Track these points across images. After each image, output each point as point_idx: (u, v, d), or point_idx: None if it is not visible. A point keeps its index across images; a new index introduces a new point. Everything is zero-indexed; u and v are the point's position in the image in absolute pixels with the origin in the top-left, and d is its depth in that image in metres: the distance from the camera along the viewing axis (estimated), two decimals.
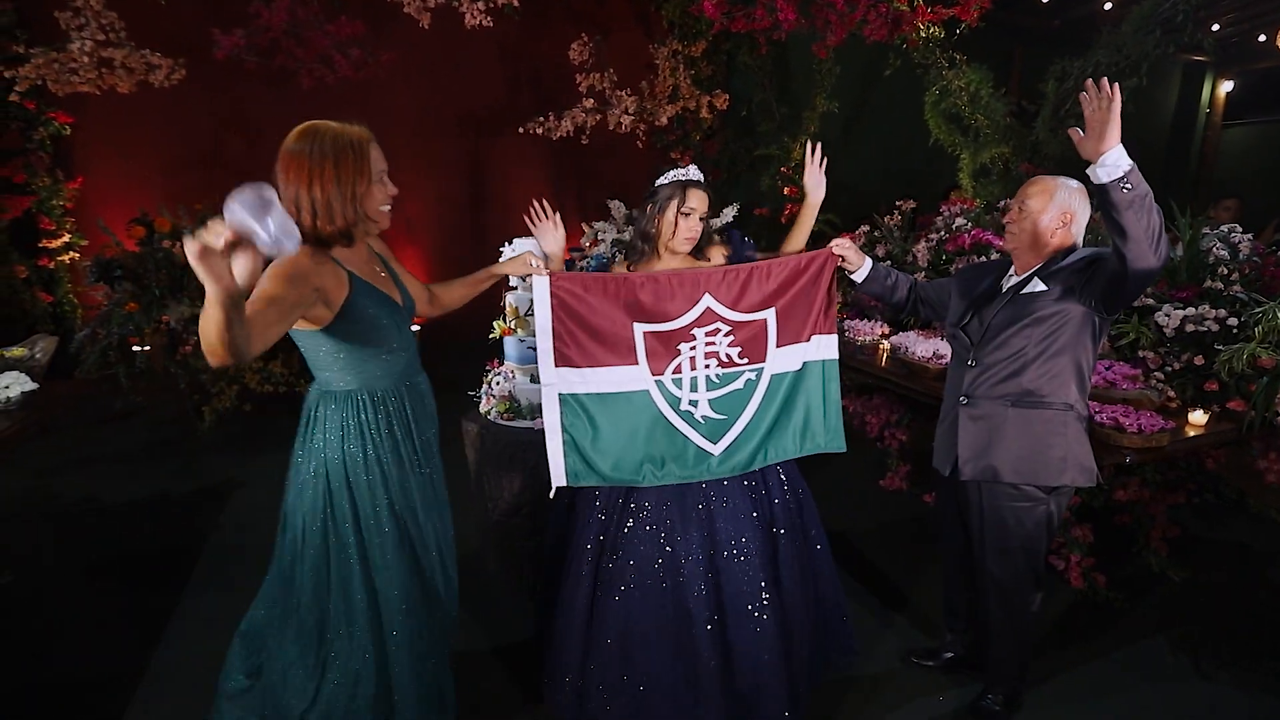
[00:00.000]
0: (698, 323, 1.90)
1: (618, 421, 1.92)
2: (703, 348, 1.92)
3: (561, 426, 1.92)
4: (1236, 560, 3.06)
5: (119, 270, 3.97)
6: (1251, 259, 2.69)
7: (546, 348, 1.88)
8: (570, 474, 1.92)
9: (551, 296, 1.86)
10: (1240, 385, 2.44)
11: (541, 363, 1.90)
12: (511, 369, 2.71)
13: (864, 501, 3.54)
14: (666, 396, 1.93)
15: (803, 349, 2.00)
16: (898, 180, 6.05)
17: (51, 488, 3.53)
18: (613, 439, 1.92)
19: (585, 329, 1.89)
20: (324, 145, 1.43)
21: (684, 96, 5.55)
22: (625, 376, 1.92)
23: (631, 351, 1.90)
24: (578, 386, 1.91)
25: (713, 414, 1.95)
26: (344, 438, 1.60)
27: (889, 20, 4.23)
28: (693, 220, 1.90)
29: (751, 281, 1.92)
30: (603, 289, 1.88)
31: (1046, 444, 1.87)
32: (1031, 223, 1.86)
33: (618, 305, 1.88)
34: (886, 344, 3.22)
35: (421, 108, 5.75)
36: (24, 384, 2.53)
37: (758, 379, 1.97)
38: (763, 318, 1.94)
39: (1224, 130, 8.64)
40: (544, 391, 1.90)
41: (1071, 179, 1.85)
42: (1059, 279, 1.82)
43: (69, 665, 2.30)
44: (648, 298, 1.88)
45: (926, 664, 2.35)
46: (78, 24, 3.84)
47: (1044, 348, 1.84)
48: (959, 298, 2.08)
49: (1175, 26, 4.13)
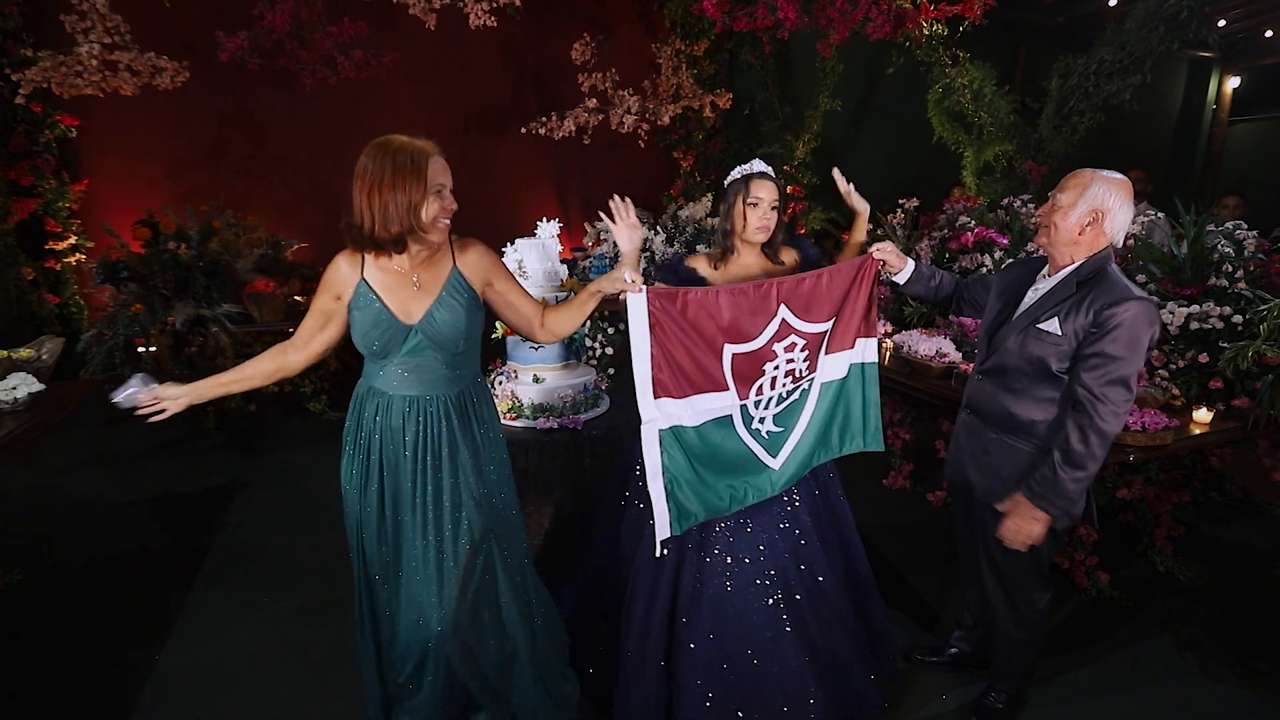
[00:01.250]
0: (777, 337, 1.81)
1: (708, 452, 1.80)
2: (784, 366, 1.85)
3: (662, 468, 1.73)
4: (1242, 559, 3.05)
5: (125, 271, 3.99)
6: (1256, 256, 2.68)
7: (645, 376, 1.69)
8: (674, 522, 1.76)
9: (649, 316, 1.67)
10: (1245, 383, 2.43)
11: (640, 395, 1.70)
12: (514, 369, 2.72)
13: (867, 500, 3.54)
14: (744, 418, 1.85)
15: (848, 355, 1.96)
16: (901, 178, 6.03)
17: (59, 487, 3.55)
18: (705, 470, 1.79)
19: (683, 352, 1.73)
20: (386, 158, 1.50)
21: (686, 96, 5.55)
22: (717, 403, 1.79)
23: (723, 376, 1.78)
24: (675, 418, 1.75)
25: (774, 427, 1.90)
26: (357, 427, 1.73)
27: (891, 18, 4.21)
28: (761, 209, 1.92)
29: (818, 289, 1.85)
30: (695, 304, 1.72)
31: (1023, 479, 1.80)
32: (1060, 218, 1.74)
33: (710, 323, 1.74)
34: (890, 343, 3.22)
35: (424, 108, 5.77)
36: (31, 385, 2.55)
37: (810, 388, 1.94)
38: (825, 329, 1.89)
39: (1230, 126, 8.60)
40: (644, 428, 1.71)
41: (1115, 173, 1.71)
42: (1074, 319, 1.69)
43: (76, 663, 2.32)
44: (730, 311, 1.75)
45: (930, 661, 2.34)
46: (83, 27, 3.86)
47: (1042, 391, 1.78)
48: (995, 298, 1.97)
49: (1179, 23, 4.11)
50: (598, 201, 4.36)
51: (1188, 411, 2.47)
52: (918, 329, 3.29)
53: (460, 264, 1.69)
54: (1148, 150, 7.90)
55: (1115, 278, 1.70)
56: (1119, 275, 1.71)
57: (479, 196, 6.21)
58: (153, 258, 4.00)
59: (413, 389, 1.67)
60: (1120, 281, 1.69)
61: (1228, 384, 2.45)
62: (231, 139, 5.37)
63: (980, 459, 1.92)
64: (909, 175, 6.16)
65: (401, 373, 1.66)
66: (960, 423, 2.00)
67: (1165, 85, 8.34)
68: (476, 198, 6.20)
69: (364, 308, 1.62)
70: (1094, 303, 1.66)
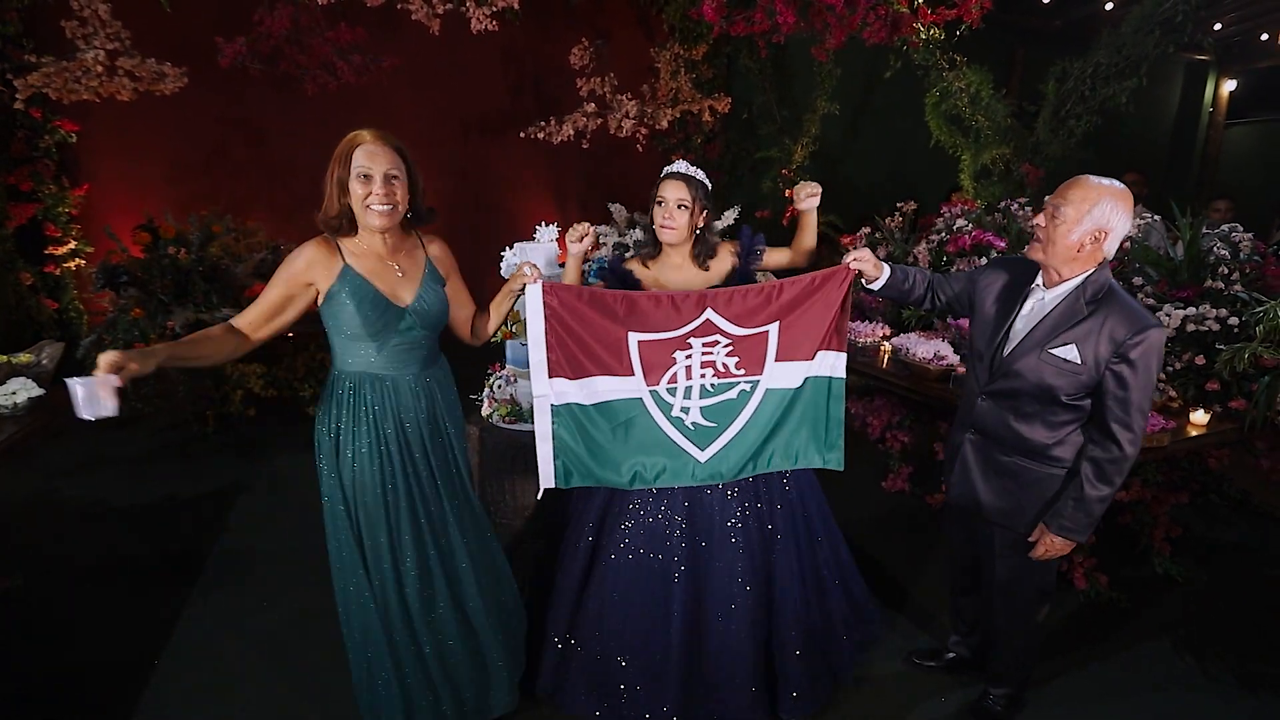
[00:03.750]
0: (695, 332, 1.89)
1: (609, 428, 1.93)
2: (699, 357, 1.91)
3: (552, 433, 1.93)
4: (1240, 560, 3.05)
5: (124, 276, 3.99)
6: (1252, 258, 2.69)
7: (540, 359, 1.87)
8: (560, 476, 1.95)
9: (544, 306, 1.84)
10: (1242, 385, 2.44)
11: (534, 374, 1.89)
12: (513, 372, 2.73)
13: (866, 503, 3.54)
14: (659, 404, 1.94)
15: (806, 366, 1.94)
16: (898, 181, 6.06)
17: (59, 492, 3.55)
18: (603, 444, 1.94)
19: (578, 340, 1.87)
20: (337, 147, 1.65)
21: (685, 100, 5.56)
22: (620, 386, 1.91)
23: (627, 362, 1.89)
24: (570, 397, 1.91)
25: (703, 421, 1.95)
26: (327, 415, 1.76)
27: (888, 22, 4.23)
28: (665, 208, 1.96)
29: (759, 299, 1.88)
30: (596, 298, 1.86)
31: (1047, 500, 1.80)
32: (1060, 233, 1.66)
33: (611, 315, 1.86)
34: (888, 346, 3.23)
35: (424, 113, 5.78)
36: (31, 390, 2.55)
37: (752, 391, 1.96)
38: (765, 331, 1.91)
39: (1227, 129, 8.62)
40: (536, 402, 1.90)
41: (1117, 183, 1.65)
42: (1093, 347, 1.65)
43: (77, 667, 2.32)
44: (645, 310, 1.87)
45: (928, 664, 2.35)
46: (84, 33, 3.86)
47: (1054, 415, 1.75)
48: (989, 305, 1.89)
49: (1175, 26, 4.13)
50: (597, 205, 4.38)
51: (1185, 413, 2.48)
52: (916, 331, 3.29)
53: (430, 255, 1.84)
54: (1144, 153, 7.92)
55: (1125, 298, 1.68)
56: (1125, 293, 1.70)
57: (478, 200, 6.24)
58: (152, 262, 4.00)
59: (413, 367, 1.78)
60: (1132, 304, 1.67)
61: (1224, 386, 2.46)
62: (231, 144, 5.38)
63: (994, 482, 1.88)
64: (907, 178, 6.19)
65: (401, 352, 1.75)
66: (966, 444, 1.94)
67: (1162, 89, 8.36)
68: (476, 201, 6.24)
69: (356, 292, 1.67)
70: (1113, 331, 1.63)
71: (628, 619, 1.98)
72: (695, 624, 1.97)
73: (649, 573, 1.97)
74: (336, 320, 1.70)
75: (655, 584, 1.97)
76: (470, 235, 6.10)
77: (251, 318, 1.69)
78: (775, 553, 2.02)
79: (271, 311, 1.70)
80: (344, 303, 1.67)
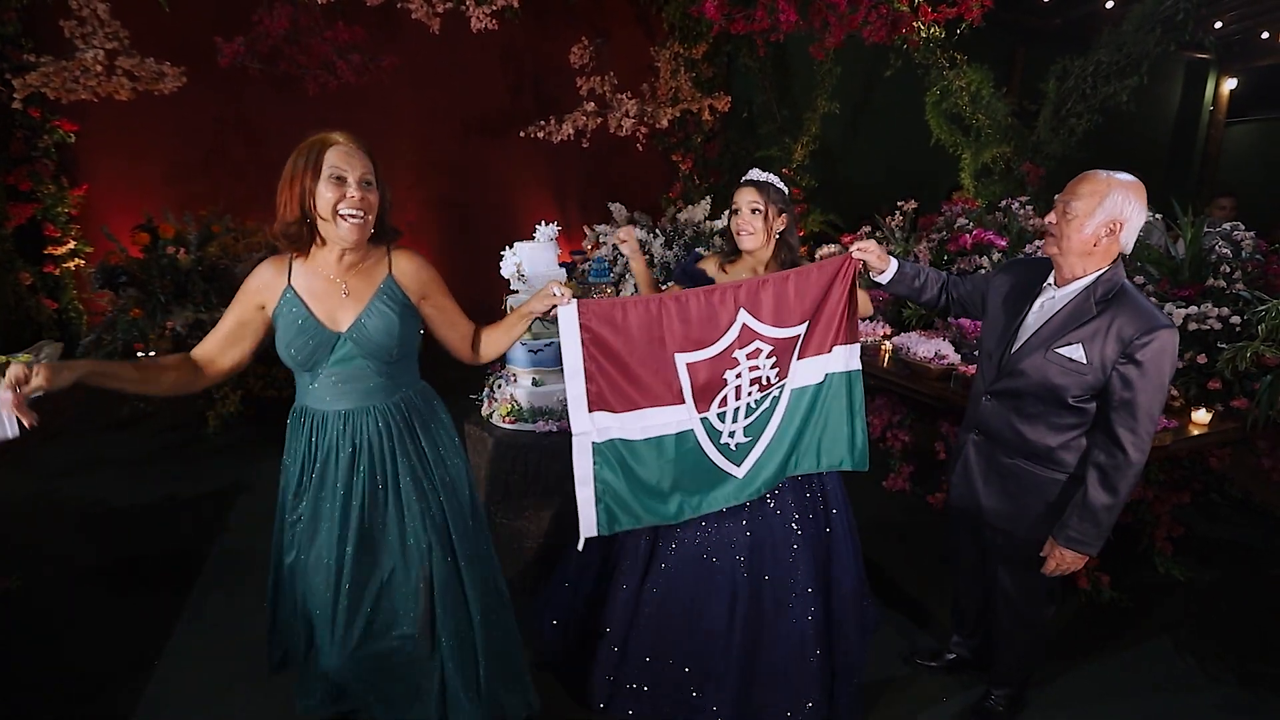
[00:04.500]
0: (738, 343, 1.73)
1: (657, 464, 1.75)
2: (748, 374, 1.76)
3: (594, 476, 1.70)
4: (1242, 559, 3.05)
5: (124, 276, 3.99)
6: (1254, 257, 2.68)
7: (579, 392, 1.64)
8: (601, 524, 1.73)
9: (581, 330, 1.61)
10: (1244, 384, 2.43)
11: (573, 409, 1.66)
12: (513, 373, 2.72)
13: (867, 502, 3.53)
14: (709, 432, 1.78)
15: (824, 360, 1.86)
16: (899, 180, 6.04)
17: (59, 492, 3.55)
18: (649, 482, 1.75)
19: (621, 367, 1.66)
20: (296, 153, 1.51)
21: (685, 99, 5.56)
22: (670, 417, 1.73)
23: (676, 389, 1.71)
24: (614, 432, 1.70)
25: (743, 439, 1.83)
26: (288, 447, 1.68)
27: (888, 22, 4.23)
28: (741, 216, 1.96)
29: (783, 293, 1.75)
30: (637, 314, 1.65)
31: (1048, 505, 1.78)
32: (1074, 229, 1.62)
33: (655, 333, 1.67)
34: (888, 345, 3.22)
35: (423, 112, 5.77)
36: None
37: (780, 395, 1.85)
38: (797, 333, 1.79)
39: (1227, 128, 8.62)
40: (575, 441, 1.68)
41: (1127, 175, 1.61)
42: (1100, 347, 1.61)
43: (75, 667, 2.31)
44: (683, 318, 1.68)
45: (930, 665, 2.34)
46: (83, 33, 3.86)
47: (1058, 417, 1.72)
48: (998, 306, 1.88)
49: (1176, 25, 4.13)
50: (596, 204, 4.37)
51: (1186, 412, 2.47)
52: (917, 330, 3.29)
53: (396, 272, 1.62)
54: (1145, 152, 7.92)
55: (1137, 297, 1.63)
56: (1138, 293, 1.64)
57: (477, 200, 6.23)
58: (151, 262, 4.00)
59: (347, 401, 1.59)
60: (1143, 303, 1.62)
61: (1226, 385, 2.45)
62: (230, 144, 5.37)
63: (996, 484, 1.87)
64: (907, 177, 6.17)
65: (334, 383, 1.58)
66: (970, 444, 1.93)
67: (1162, 87, 8.36)
68: (475, 201, 6.23)
69: (287, 314, 1.53)
70: (1121, 330, 1.59)
71: (688, 625, 1.91)
72: (756, 628, 1.90)
73: (708, 578, 1.90)
74: (277, 344, 1.55)
75: (714, 589, 1.90)
76: (470, 235, 6.10)
77: (207, 348, 1.56)
78: (832, 555, 2.00)
79: (227, 340, 1.56)
80: (279, 325, 1.54)
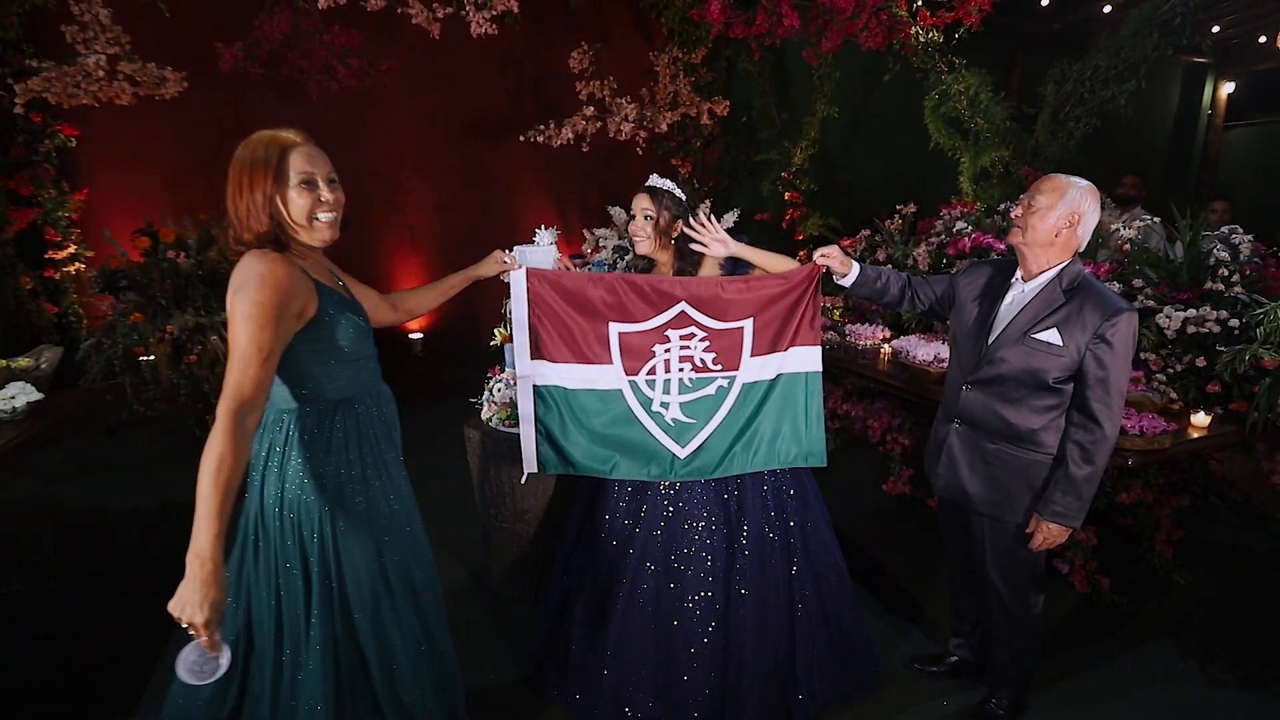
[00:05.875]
0: (671, 324, 1.94)
1: (590, 416, 2.00)
2: (677, 351, 1.97)
3: (535, 416, 2.01)
4: (1241, 562, 3.05)
5: (124, 280, 3.99)
6: (1252, 260, 2.69)
7: (523, 340, 1.96)
8: (541, 461, 2.03)
9: (528, 292, 1.93)
10: (1242, 386, 2.43)
11: (517, 355, 1.97)
12: (513, 376, 2.72)
13: (866, 506, 3.54)
14: (639, 396, 1.99)
15: (779, 359, 1.99)
16: (898, 184, 6.06)
17: (58, 496, 3.55)
18: (584, 431, 2.01)
19: (560, 326, 1.96)
20: (246, 153, 1.43)
21: (684, 103, 5.58)
22: (599, 374, 1.98)
23: (606, 351, 1.97)
24: (552, 379, 1.99)
25: (683, 417, 2.00)
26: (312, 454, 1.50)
27: (886, 27, 4.25)
28: (635, 222, 2.02)
29: (732, 291, 1.93)
30: (578, 287, 1.94)
31: (1031, 487, 1.86)
32: (1038, 220, 1.80)
33: (593, 304, 1.94)
34: (888, 348, 3.22)
35: (423, 116, 5.79)
36: (30, 394, 2.55)
37: (730, 386, 1.99)
38: (740, 326, 1.96)
39: (1225, 131, 8.64)
40: (519, 383, 1.99)
41: (1083, 179, 1.81)
42: (1073, 331, 1.75)
43: (74, 672, 2.31)
44: (624, 298, 1.93)
45: (930, 670, 2.34)
46: (85, 38, 3.87)
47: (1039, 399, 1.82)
48: (970, 302, 1.99)
49: (1174, 29, 4.14)
50: (596, 208, 4.35)
51: (1186, 415, 2.47)
52: (915, 334, 3.29)
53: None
54: (1143, 155, 7.93)
55: (1098, 285, 1.81)
56: (1098, 281, 1.83)
57: (478, 204, 6.24)
58: (152, 266, 4.00)
59: (377, 382, 1.64)
60: (1105, 290, 1.79)
61: (1225, 388, 2.46)
62: (231, 149, 5.27)
63: (980, 470, 1.93)
64: (906, 181, 6.18)
65: (373, 367, 1.61)
66: (952, 434, 1.99)
67: (1160, 91, 8.38)
68: (475, 205, 6.25)
69: (342, 308, 1.50)
70: (1089, 315, 1.74)
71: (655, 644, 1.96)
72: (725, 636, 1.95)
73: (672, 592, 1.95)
74: (327, 344, 1.46)
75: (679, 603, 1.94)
76: (469, 238, 6.10)
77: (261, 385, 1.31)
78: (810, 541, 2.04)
79: (273, 368, 1.35)
80: (339, 322, 1.48)
